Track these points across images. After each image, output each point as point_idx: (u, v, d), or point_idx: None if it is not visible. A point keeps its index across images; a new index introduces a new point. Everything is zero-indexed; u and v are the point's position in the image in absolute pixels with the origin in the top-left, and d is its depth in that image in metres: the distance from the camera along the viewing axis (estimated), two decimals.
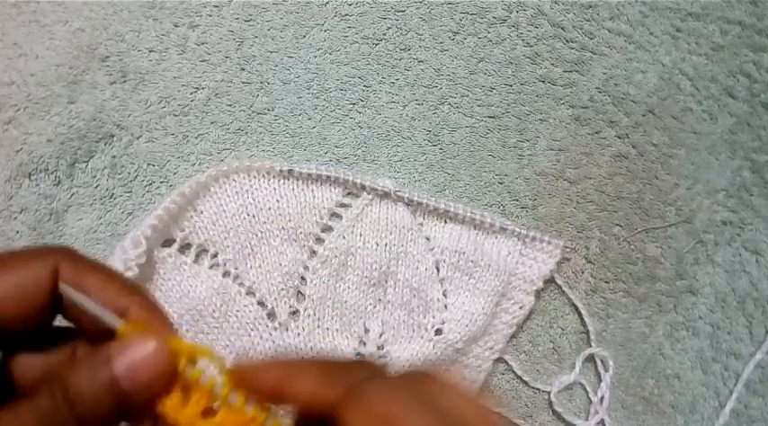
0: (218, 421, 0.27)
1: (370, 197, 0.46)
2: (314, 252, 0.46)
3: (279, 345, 0.45)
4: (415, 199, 0.46)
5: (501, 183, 0.49)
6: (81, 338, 0.28)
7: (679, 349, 0.48)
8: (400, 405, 0.22)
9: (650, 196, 0.49)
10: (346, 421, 0.23)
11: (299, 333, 0.45)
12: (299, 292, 0.46)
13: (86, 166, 0.47)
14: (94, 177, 0.47)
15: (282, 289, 0.45)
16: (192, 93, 0.48)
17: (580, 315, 0.47)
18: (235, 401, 0.27)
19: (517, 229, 0.47)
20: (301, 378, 0.25)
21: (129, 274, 0.42)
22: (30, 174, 0.46)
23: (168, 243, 0.45)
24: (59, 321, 0.28)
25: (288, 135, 0.48)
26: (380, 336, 0.46)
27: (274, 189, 0.46)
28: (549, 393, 0.47)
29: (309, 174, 0.46)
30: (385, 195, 0.46)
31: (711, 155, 0.49)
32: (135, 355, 0.25)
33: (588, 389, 0.47)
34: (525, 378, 0.47)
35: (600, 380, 0.47)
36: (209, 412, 0.27)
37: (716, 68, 0.50)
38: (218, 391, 0.27)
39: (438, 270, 0.47)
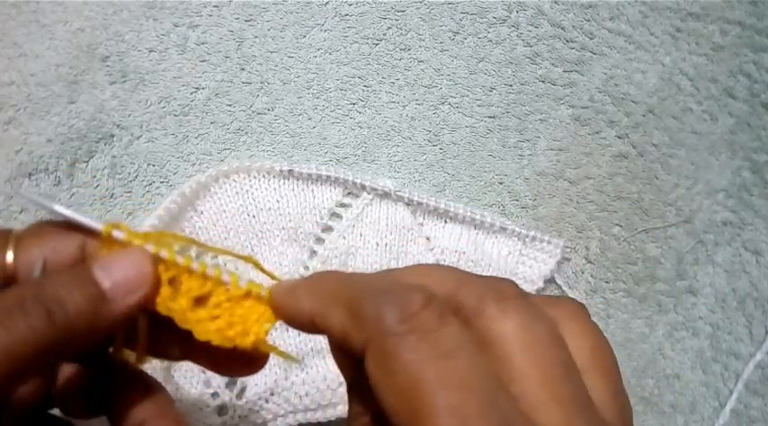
0: (214, 303, 0.26)
1: (371, 197, 0.46)
2: (314, 253, 0.46)
3: (280, 345, 0.45)
4: (415, 199, 0.46)
5: (501, 183, 0.49)
6: None
7: (679, 349, 0.48)
8: (429, 382, 0.19)
9: (650, 196, 0.49)
10: (370, 378, 0.20)
11: (299, 333, 0.45)
12: None
13: (86, 166, 0.47)
14: (94, 177, 0.47)
15: None
16: (192, 93, 0.48)
17: None
18: (227, 280, 0.26)
19: (517, 229, 0.47)
20: (332, 314, 0.22)
21: None
22: (30, 174, 0.46)
23: None
24: None
25: (288, 135, 0.48)
26: None
27: (274, 189, 0.46)
28: None
29: (309, 174, 0.46)
30: (385, 195, 0.46)
31: (711, 156, 0.49)
32: (115, 260, 0.25)
33: None
34: None
35: None
36: (202, 301, 0.26)
37: (716, 68, 0.50)
38: (210, 273, 0.26)
39: None
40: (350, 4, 0.50)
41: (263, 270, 0.31)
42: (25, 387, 0.28)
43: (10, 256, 0.26)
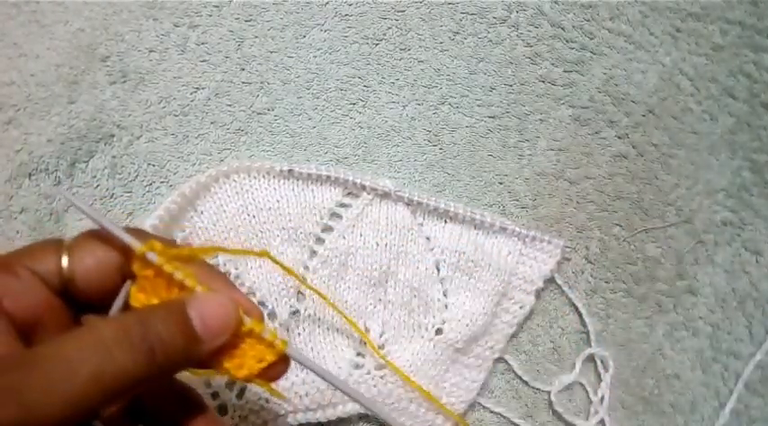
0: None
1: (370, 197, 0.46)
2: (314, 253, 0.46)
3: None
4: (415, 199, 0.46)
5: (501, 183, 0.49)
6: None
7: (679, 349, 0.48)
8: None
9: (650, 196, 0.49)
10: None
11: (299, 333, 0.46)
12: (299, 292, 0.46)
13: (86, 166, 0.47)
14: (94, 177, 0.47)
15: (283, 289, 0.45)
16: (192, 93, 0.48)
17: (580, 315, 0.47)
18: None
19: (517, 229, 0.47)
20: None
21: None
22: (30, 174, 0.46)
23: None
24: None
25: (288, 135, 0.48)
26: (381, 336, 0.46)
27: (274, 189, 0.46)
28: (549, 392, 0.47)
29: (309, 174, 0.46)
30: (385, 195, 0.46)
31: (711, 156, 0.49)
32: (207, 303, 0.27)
33: (588, 389, 0.47)
34: (525, 378, 0.47)
35: (600, 380, 0.47)
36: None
37: (716, 68, 0.50)
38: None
39: (438, 269, 0.47)
40: (350, 4, 0.50)
41: (279, 265, 0.35)
42: None
43: (65, 260, 0.28)
